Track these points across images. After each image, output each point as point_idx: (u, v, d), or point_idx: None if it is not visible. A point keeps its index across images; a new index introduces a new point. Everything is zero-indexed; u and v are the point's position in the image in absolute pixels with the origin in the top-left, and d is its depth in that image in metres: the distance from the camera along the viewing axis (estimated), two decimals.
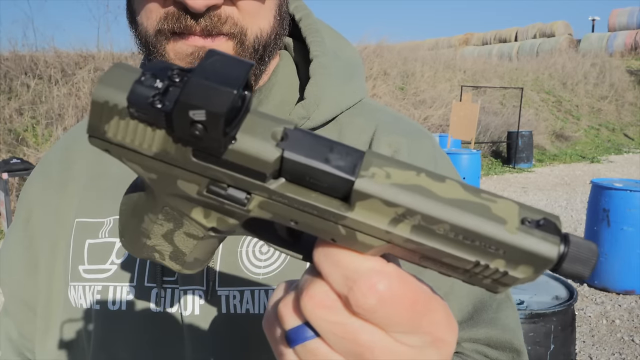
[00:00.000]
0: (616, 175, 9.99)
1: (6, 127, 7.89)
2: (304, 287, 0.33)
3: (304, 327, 0.33)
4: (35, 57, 8.80)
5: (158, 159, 0.31)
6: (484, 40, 28.69)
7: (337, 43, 0.78)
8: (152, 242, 0.41)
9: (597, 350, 3.63)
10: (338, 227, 0.30)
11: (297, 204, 0.30)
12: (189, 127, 0.28)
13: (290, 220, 0.32)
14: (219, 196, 0.32)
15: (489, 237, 0.28)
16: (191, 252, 0.40)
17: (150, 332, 0.66)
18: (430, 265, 0.31)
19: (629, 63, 20.04)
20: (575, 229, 6.52)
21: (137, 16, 0.64)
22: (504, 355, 0.68)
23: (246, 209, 0.32)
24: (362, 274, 0.31)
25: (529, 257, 0.28)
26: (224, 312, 0.65)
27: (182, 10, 0.59)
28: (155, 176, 0.33)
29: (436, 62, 15.26)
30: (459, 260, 0.29)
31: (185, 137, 0.29)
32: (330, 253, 0.32)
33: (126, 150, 0.32)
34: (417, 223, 0.29)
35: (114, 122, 0.31)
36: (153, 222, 0.39)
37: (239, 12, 0.61)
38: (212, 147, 0.29)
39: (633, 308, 4.27)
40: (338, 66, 0.75)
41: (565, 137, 14.43)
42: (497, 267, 0.29)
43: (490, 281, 0.30)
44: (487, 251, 0.29)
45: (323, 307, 0.32)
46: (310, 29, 0.76)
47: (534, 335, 2.39)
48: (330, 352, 0.33)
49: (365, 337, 0.32)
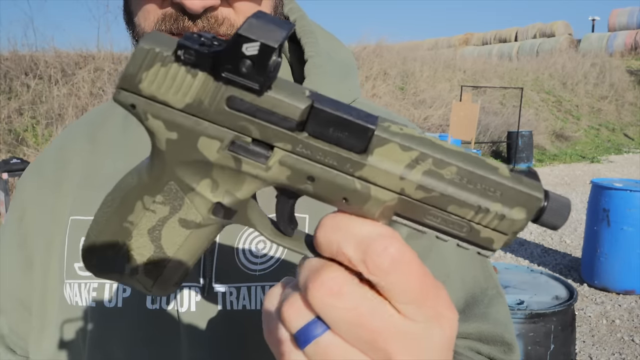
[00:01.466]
0: (616, 175, 9.99)
1: (6, 127, 7.89)
2: (309, 279, 0.32)
3: (315, 322, 0.32)
4: (35, 57, 8.80)
5: (187, 111, 0.33)
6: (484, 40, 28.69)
7: (330, 44, 0.79)
8: (132, 243, 0.38)
9: (597, 350, 3.63)
10: (354, 180, 0.32)
11: (320, 153, 0.32)
12: (239, 62, 0.30)
13: (307, 179, 0.33)
14: (242, 151, 0.33)
15: (490, 178, 0.32)
16: (176, 251, 0.38)
17: (146, 330, 0.66)
18: (434, 222, 0.33)
19: (629, 63, 20.05)
20: (575, 228, 6.52)
21: (134, 17, 0.64)
22: (496, 349, 0.69)
23: (266, 165, 0.33)
24: (375, 237, 0.31)
25: (522, 198, 0.32)
26: (220, 308, 0.65)
27: (179, 11, 0.59)
28: (176, 135, 0.34)
29: (436, 62, 15.26)
30: (462, 207, 0.32)
31: (231, 74, 0.31)
32: (341, 222, 0.33)
33: (154, 104, 0.33)
34: (428, 168, 0.32)
35: (154, 70, 0.32)
36: (145, 208, 0.37)
37: (236, 14, 0.62)
38: (254, 85, 0.31)
39: (633, 308, 4.27)
40: (332, 66, 0.76)
41: (565, 137, 14.43)
42: (496, 210, 0.32)
43: (489, 231, 0.33)
44: (487, 194, 0.32)
45: (333, 294, 0.31)
46: (304, 30, 0.78)
47: (534, 335, 2.39)
48: (344, 345, 0.32)
49: (377, 321, 0.31)
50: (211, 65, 0.32)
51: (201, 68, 0.32)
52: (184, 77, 0.32)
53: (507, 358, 0.69)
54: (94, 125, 0.79)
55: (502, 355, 0.69)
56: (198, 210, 0.36)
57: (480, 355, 0.69)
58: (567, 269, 5.17)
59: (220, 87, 0.32)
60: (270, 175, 0.34)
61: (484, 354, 0.69)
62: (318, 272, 0.32)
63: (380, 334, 0.31)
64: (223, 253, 0.66)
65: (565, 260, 5.44)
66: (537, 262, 5.37)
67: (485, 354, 0.69)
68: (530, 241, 6.12)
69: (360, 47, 13.47)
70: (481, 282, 0.73)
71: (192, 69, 0.32)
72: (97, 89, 8.76)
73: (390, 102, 12.22)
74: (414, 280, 0.31)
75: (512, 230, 0.33)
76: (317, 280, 0.32)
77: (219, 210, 0.36)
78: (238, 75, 0.31)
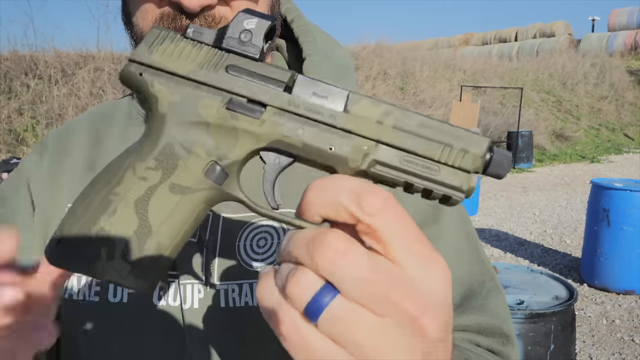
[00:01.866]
0: (616, 175, 9.99)
1: (6, 127, 7.89)
2: (312, 246, 0.32)
3: (324, 289, 0.32)
4: (35, 57, 8.80)
5: (191, 77, 0.38)
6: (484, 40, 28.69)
7: (327, 44, 0.80)
8: (114, 219, 0.37)
9: (597, 350, 3.63)
10: (338, 131, 0.37)
11: (307, 109, 0.37)
12: (240, 33, 0.38)
13: (298, 129, 0.37)
14: (238, 107, 0.38)
15: (447, 124, 0.38)
16: (161, 224, 0.37)
17: (151, 326, 0.66)
18: (409, 168, 0.37)
19: (629, 63, 20.05)
20: (575, 228, 6.52)
21: (132, 17, 0.65)
22: (494, 340, 0.69)
23: (260, 119, 0.37)
24: (363, 185, 0.33)
25: (475, 139, 0.38)
26: (222, 305, 0.66)
27: (177, 10, 0.60)
28: (178, 98, 0.38)
29: (436, 62, 15.26)
30: (430, 146, 0.37)
31: (232, 42, 0.38)
32: (330, 180, 0.34)
33: (161, 72, 0.39)
34: (397, 117, 0.37)
35: (164, 46, 0.39)
36: (136, 176, 0.37)
37: (233, 12, 0.63)
38: (251, 53, 0.38)
39: (633, 308, 4.27)
40: (329, 65, 0.76)
41: (565, 137, 14.43)
42: (459, 146, 0.37)
43: (455, 171, 0.37)
44: (448, 135, 0.38)
45: (340, 253, 0.31)
46: (302, 29, 0.79)
47: (534, 335, 2.39)
48: (355, 307, 0.32)
49: (384, 274, 0.32)
50: (215, 39, 0.39)
51: (206, 42, 0.39)
52: (190, 50, 0.39)
53: (505, 349, 0.69)
54: (96, 121, 0.80)
55: (500, 346, 0.69)
56: (191, 173, 0.37)
57: (480, 348, 0.69)
58: (567, 269, 5.17)
59: (221, 55, 0.39)
60: (264, 130, 0.38)
61: (483, 345, 0.69)
62: (319, 238, 0.32)
63: (390, 287, 0.31)
64: (224, 250, 0.67)
65: (565, 260, 5.44)
66: (537, 262, 5.37)
67: (484, 345, 0.69)
68: (530, 241, 6.12)
69: (360, 47, 13.47)
70: (478, 275, 0.73)
71: (198, 44, 0.39)
72: (97, 89, 8.76)
73: (390, 102, 12.19)
74: (405, 221, 0.33)
75: (474, 166, 0.37)
76: (322, 244, 0.32)
77: (212, 172, 0.38)
78: (238, 44, 0.38)
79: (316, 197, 0.34)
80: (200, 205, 0.38)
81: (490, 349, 0.69)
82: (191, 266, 0.66)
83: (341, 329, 0.32)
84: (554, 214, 7.38)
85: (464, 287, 0.72)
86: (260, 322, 0.66)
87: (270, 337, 0.36)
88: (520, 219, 7.14)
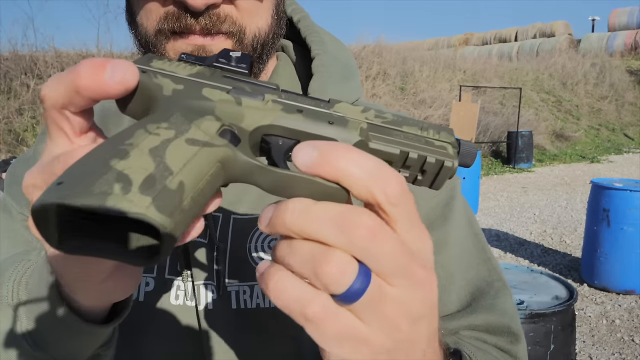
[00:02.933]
0: (616, 175, 9.99)
1: (6, 127, 7.89)
2: (345, 227, 0.31)
3: (362, 270, 0.31)
4: (35, 57, 8.80)
5: (191, 78, 0.40)
6: (484, 40, 28.69)
7: (333, 44, 0.81)
8: (128, 162, 0.31)
9: (597, 350, 3.63)
10: (332, 114, 0.41)
11: (299, 101, 0.41)
12: (229, 57, 0.43)
13: (297, 111, 0.40)
14: (242, 93, 0.40)
15: (414, 118, 0.44)
16: (182, 168, 0.32)
17: (167, 325, 0.67)
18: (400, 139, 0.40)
19: (629, 63, 20.05)
20: (576, 228, 6.52)
21: (136, 17, 0.65)
22: (502, 339, 0.70)
23: (263, 101, 0.40)
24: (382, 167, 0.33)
25: (441, 128, 0.43)
26: (234, 307, 0.66)
27: (182, 9, 0.60)
28: (182, 87, 0.39)
29: (436, 62, 15.25)
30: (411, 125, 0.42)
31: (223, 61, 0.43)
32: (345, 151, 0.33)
33: (163, 72, 0.40)
34: (375, 112, 0.42)
35: (162, 60, 0.42)
36: (148, 132, 0.34)
37: (238, 11, 0.62)
38: (243, 69, 0.43)
39: (633, 308, 4.27)
40: (337, 66, 0.77)
41: (565, 137, 14.43)
42: (432, 129, 0.42)
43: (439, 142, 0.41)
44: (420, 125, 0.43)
45: (376, 233, 0.31)
46: (309, 29, 0.79)
47: (534, 335, 2.39)
48: (386, 285, 0.33)
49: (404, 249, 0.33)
50: (207, 64, 0.42)
51: (198, 63, 0.42)
52: (185, 65, 0.42)
53: (513, 348, 0.70)
54: (105, 117, 0.79)
55: (508, 345, 0.70)
56: (206, 132, 0.35)
57: (487, 344, 0.69)
58: (567, 269, 5.17)
59: (215, 71, 0.42)
60: (268, 108, 0.40)
61: (491, 344, 0.70)
62: (352, 217, 0.31)
63: (410, 260, 0.33)
64: (235, 252, 0.67)
65: (565, 260, 5.44)
66: (537, 262, 5.37)
67: (492, 344, 0.70)
68: (530, 241, 6.12)
69: (360, 47, 13.46)
70: (486, 276, 0.74)
71: (191, 64, 0.42)
72: None
73: (390, 102, 12.22)
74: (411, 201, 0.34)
75: (451, 140, 0.42)
76: (358, 224, 0.31)
77: (226, 133, 0.37)
78: (229, 61, 0.42)
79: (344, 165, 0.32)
80: (217, 164, 0.34)
81: (499, 347, 0.70)
82: (204, 267, 0.67)
83: (375, 308, 0.32)
84: (554, 214, 7.38)
85: (473, 287, 0.72)
86: (273, 324, 0.67)
87: (283, 339, 0.36)
88: (520, 219, 7.14)
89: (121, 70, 0.35)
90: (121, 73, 0.35)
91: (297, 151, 0.33)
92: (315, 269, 0.31)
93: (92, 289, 0.41)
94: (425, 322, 0.36)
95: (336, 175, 0.32)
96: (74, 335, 0.48)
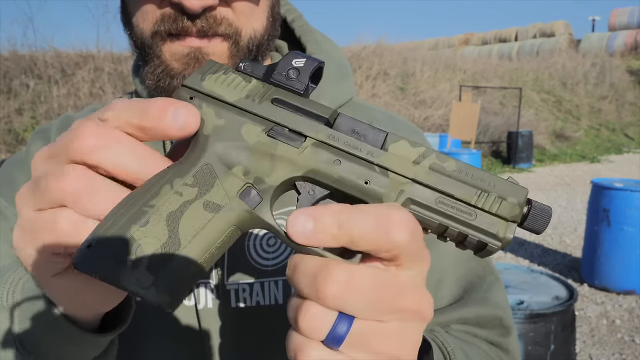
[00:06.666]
0: (616, 175, 9.98)
1: (6, 127, 7.89)
2: (319, 285, 0.33)
3: (341, 317, 0.33)
4: (34, 57, 8.80)
5: (237, 105, 0.40)
6: (484, 40, 28.69)
7: (327, 44, 0.81)
8: (145, 229, 0.36)
9: (597, 351, 3.62)
10: (374, 167, 0.38)
11: (346, 142, 0.39)
12: (288, 70, 0.40)
13: (334, 162, 0.38)
14: (279, 135, 0.39)
15: (483, 172, 0.39)
16: (191, 239, 0.37)
17: (168, 324, 0.67)
18: (445, 209, 0.38)
19: (629, 63, 20.05)
20: (576, 228, 6.52)
21: (132, 18, 0.64)
22: (493, 332, 0.70)
23: (300, 147, 0.39)
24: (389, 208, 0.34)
25: (512, 189, 0.38)
26: (233, 305, 0.66)
27: (178, 11, 0.60)
28: (223, 122, 0.39)
29: (436, 62, 15.26)
30: (467, 190, 0.38)
31: (280, 77, 0.40)
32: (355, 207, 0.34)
33: (210, 98, 0.40)
34: (434, 160, 0.38)
35: (216, 75, 0.41)
36: (173, 190, 0.37)
37: (234, 13, 0.62)
38: (298, 89, 0.40)
39: (633, 308, 4.27)
40: (332, 65, 0.77)
41: (566, 137, 14.42)
42: (495, 193, 0.38)
43: (491, 217, 0.38)
44: (484, 183, 0.38)
45: (345, 286, 0.33)
46: (304, 29, 0.79)
47: (534, 335, 2.38)
48: (373, 324, 0.34)
49: (391, 288, 0.33)
50: (264, 74, 0.41)
51: (255, 76, 0.41)
52: (240, 81, 0.41)
53: (504, 341, 0.70)
54: None
55: (499, 338, 0.70)
56: (227, 193, 0.38)
57: (477, 338, 0.69)
58: (567, 269, 5.16)
59: (269, 88, 0.40)
60: (302, 159, 0.38)
61: (481, 337, 0.70)
62: (322, 274, 0.33)
63: (397, 296, 0.34)
64: (234, 250, 0.67)
65: (565, 260, 5.44)
66: (537, 262, 5.36)
67: (482, 337, 0.70)
68: (530, 241, 6.11)
69: (360, 47, 13.46)
70: (478, 270, 0.74)
71: (248, 77, 0.41)
72: (97, 89, 8.76)
73: (390, 102, 12.21)
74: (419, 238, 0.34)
75: (511, 215, 0.37)
76: (326, 280, 0.33)
77: (247, 194, 0.38)
78: (286, 79, 0.40)
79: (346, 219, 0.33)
80: (232, 227, 0.38)
81: (489, 341, 0.70)
82: None
83: (363, 347, 0.33)
84: (554, 214, 7.38)
85: (465, 282, 0.73)
86: (273, 322, 0.67)
87: (283, 336, 0.36)
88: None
89: (184, 115, 0.36)
90: (184, 118, 0.36)
91: (291, 221, 0.34)
92: (296, 318, 0.34)
93: (72, 299, 0.42)
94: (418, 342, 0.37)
95: (337, 243, 0.34)
96: (64, 341, 0.47)
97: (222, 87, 0.40)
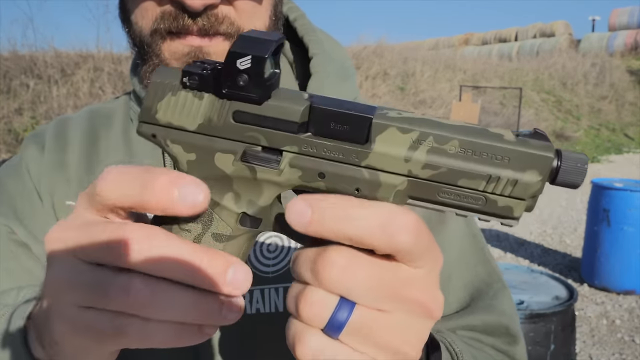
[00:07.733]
0: (616, 175, 9.96)
1: (5, 127, 7.88)
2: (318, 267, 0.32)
3: (342, 302, 0.32)
4: (34, 56, 8.79)
5: (200, 132, 0.36)
6: (484, 40, 28.67)
7: (330, 44, 0.80)
8: None
9: (597, 351, 3.62)
10: (362, 170, 0.34)
11: (325, 149, 0.34)
12: (236, 77, 0.34)
13: (318, 176, 0.35)
14: (254, 159, 0.36)
15: (495, 146, 0.33)
16: None
17: None
18: (448, 199, 0.34)
19: (629, 63, 20.03)
20: (576, 228, 6.51)
21: (131, 15, 0.63)
22: (499, 340, 0.69)
23: (278, 169, 0.36)
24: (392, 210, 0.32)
25: (532, 160, 0.33)
26: None
27: (179, 9, 0.58)
28: (194, 156, 0.36)
29: (436, 62, 15.25)
30: (473, 178, 0.33)
31: (231, 89, 0.34)
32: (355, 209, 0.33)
33: (171, 130, 0.36)
34: (431, 146, 0.33)
35: (166, 100, 0.36)
36: (181, 229, 0.37)
37: (236, 12, 0.61)
38: (254, 95, 0.34)
39: (633, 308, 4.26)
40: (334, 66, 0.76)
41: (566, 137, 14.41)
42: (507, 176, 0.33)
43: (505, 199, 0.33)
44: (495, 162, 0.33)
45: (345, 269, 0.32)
46: (306, 28, 0.78)
47: (534, 335, 2.38)
48: (374, 313, 0.33)
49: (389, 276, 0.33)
50: (213, 85, 0.35)
51: (205, 90, 0.36)
52: (192, 101, 0.36)
53: (511, 349, 0.69)
54: (95, 121, 0.78)
55: (506, 346, 0.69)
56: (227, 223, 0.38)
57: (483, 344, 0.68)
58: (567, 269, 5.16)
59: (224, 104, 0.35)
60: (284, 179, 0.36)
61: (487, 344, 0.69)
62: (321, 257, 0.33)
63: (400, 285, 0.33)
64: None
65: (565, 260, 5.43)
66: (537, 262, 5.36)
67: (489, 345, 0.69)
68: (530, 241, 6.11)
69: (360, 47, 13.45)
70: (485, 277, 0.73)
71: (198, 93, 0.36)
72: (97, 89, 8.75)
73: (391, 102, 12.21)
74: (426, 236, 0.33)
75: (528, 194, 0.33)
76: (325, 263, 0.32)
77: (245, 220, 0.38)
78: (237, 89, 0.34)
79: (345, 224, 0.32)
80: (245, 245, 0.39)
81: (496, 348, 0.69)
82: None
83: (364, 336, 0.33)
84: (554, 214, 7.37)
85: (471, 288, 0.71)
86: (273, 330, 0.66)
87: (282, 344, 0.36)
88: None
89: (192, 193, 0.33)
90: (192, 196, 0.33)
91: (290, 208, 0.33)
92: (297, 304, 0.33)
93: None
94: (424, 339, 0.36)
95: (336, 237, 0.33)
96: None
97: (177, 114, 0.36)
